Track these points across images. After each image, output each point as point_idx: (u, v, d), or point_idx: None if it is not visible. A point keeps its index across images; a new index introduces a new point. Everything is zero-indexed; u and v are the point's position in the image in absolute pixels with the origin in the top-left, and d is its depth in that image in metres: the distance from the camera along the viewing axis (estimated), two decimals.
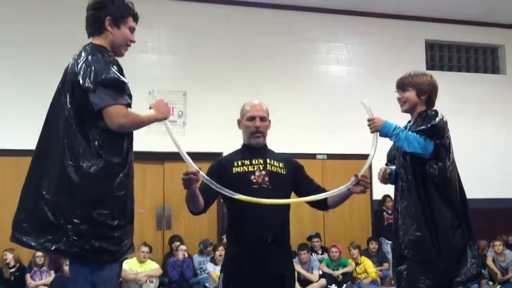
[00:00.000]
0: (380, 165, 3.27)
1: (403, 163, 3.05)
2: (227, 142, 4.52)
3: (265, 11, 9.03)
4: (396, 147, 3.13)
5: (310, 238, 8.37)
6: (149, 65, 8.38)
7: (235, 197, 2.63)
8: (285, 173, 2.95)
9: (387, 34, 9.53)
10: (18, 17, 8.01)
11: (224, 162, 2.99)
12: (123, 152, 2.40)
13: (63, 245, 2.27)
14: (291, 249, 3.18)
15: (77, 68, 2.36)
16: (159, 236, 8.32)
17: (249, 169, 2.89)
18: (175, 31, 8.69)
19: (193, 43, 8.66)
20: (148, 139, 6.74)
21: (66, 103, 2.37)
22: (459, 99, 9.26)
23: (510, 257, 8.24)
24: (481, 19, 9.85)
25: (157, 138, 6.11)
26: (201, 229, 8.34)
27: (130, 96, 2.41)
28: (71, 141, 2.32)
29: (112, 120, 2.30)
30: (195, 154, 5.16)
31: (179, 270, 7.34)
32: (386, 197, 8.57)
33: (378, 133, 2.97)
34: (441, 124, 2.95)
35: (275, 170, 2.92)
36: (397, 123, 3.02)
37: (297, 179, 3.01)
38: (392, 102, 3.35)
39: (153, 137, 6.37)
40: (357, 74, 9.35)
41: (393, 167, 3.21)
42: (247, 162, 2.91)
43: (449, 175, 2.97)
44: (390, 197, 8.16)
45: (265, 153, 2.98)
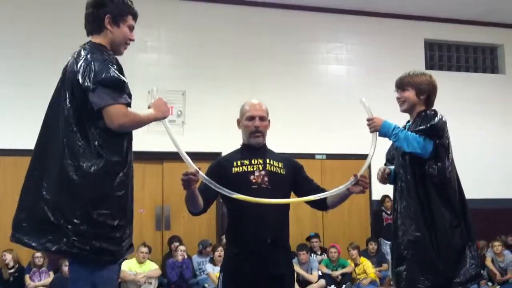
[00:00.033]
0: (379, 165, 3.27)
1: (402, 163, 3.05)
2: (226, 142, 4.50)
3: (265, 11, 9.02)
4: (395, 147, 3.13)
5: (309, 239, 8.34)
6: (149, 64, 8.37)
7: (234, 196, 2.62)
8: (284, 173, 2.94)
9: (386, 34, 9.53)
10: (18, 17, 8.00)
11: (223, 162, 2.98)
12: (123, 152, 2.39)
13: (64, 245, 2.26)
14: (290, 249, 3.17)
15: (76, 67, 2.34)
16: (158, 237, 8.31)
17: (249, 169, 2.88)
18: (175, 30, 8.68)
19: (193, 43, 8.65)
20: (147, 139, 6.74)
21: (65, 102, 2.35)
22: (458, 98, 9.24)
23: (509, 257, 8.23)
24: (481, 19, 9.85)
25: (156, 138, 6.10)
26: (200, 230, 8.33)
27: (129, 96, 2.39)
28: (70, 141, 2.31)
29: (112, 120, 2.29)
30: (194, 154, 5.13)
31: (178, 271, 7.32)
32: (385, 197, 8.54)
33: (377, 133, 2.97)
34: (440, 124, 2.95)
35: (274, 170, 2.91)
36: (396, 123, 3.02)
37: (297, 179, 3.00)
38: (392, 101, 3.35)
39: (152, 136, 6.37)
40: (356, 74, 9.34)
41: (392, 167, 3.20)
42: (246, 162, 2.91)
43: (448, 175, 2.97)
44: (389, 197, 8.15)
45: (264, 153, 2.98)
